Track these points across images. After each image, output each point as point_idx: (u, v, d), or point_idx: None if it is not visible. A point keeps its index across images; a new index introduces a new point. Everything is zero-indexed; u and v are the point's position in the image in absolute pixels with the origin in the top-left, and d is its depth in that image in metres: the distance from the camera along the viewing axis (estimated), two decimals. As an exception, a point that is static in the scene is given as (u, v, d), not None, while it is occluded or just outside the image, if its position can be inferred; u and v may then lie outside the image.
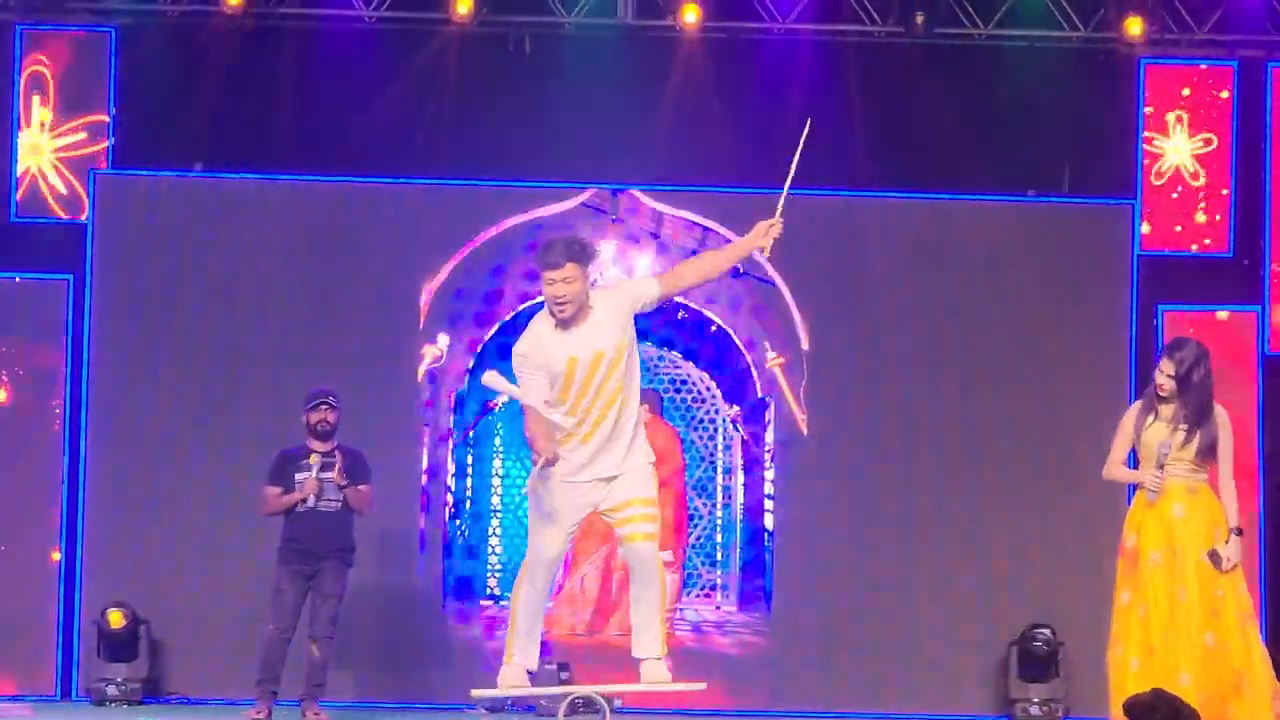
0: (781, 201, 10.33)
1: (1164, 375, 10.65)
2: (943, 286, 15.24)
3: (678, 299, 13.24)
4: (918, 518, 15.02)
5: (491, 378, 10.32)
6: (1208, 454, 10.62)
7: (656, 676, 10.27)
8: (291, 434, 13.12)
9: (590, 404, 10.05)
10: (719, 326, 15.46)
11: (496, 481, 15.65)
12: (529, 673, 10.35)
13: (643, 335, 13.92)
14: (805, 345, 15.13)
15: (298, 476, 12.83)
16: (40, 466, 15.01)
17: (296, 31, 15.52)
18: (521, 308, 14.33)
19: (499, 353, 13.99)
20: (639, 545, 10.23)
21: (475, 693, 10.89)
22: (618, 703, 10.71)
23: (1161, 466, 10.60)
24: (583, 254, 10.01)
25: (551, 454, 10.02)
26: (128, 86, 15.35)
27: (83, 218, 15.13)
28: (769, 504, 15.42)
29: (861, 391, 15.15)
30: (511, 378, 9.99)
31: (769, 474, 15.42)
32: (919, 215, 15.36)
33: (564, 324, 9.98)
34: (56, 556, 14.89)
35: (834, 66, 15.47)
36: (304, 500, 12.81)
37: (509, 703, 13.58)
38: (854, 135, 15.30)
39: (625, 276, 14.68)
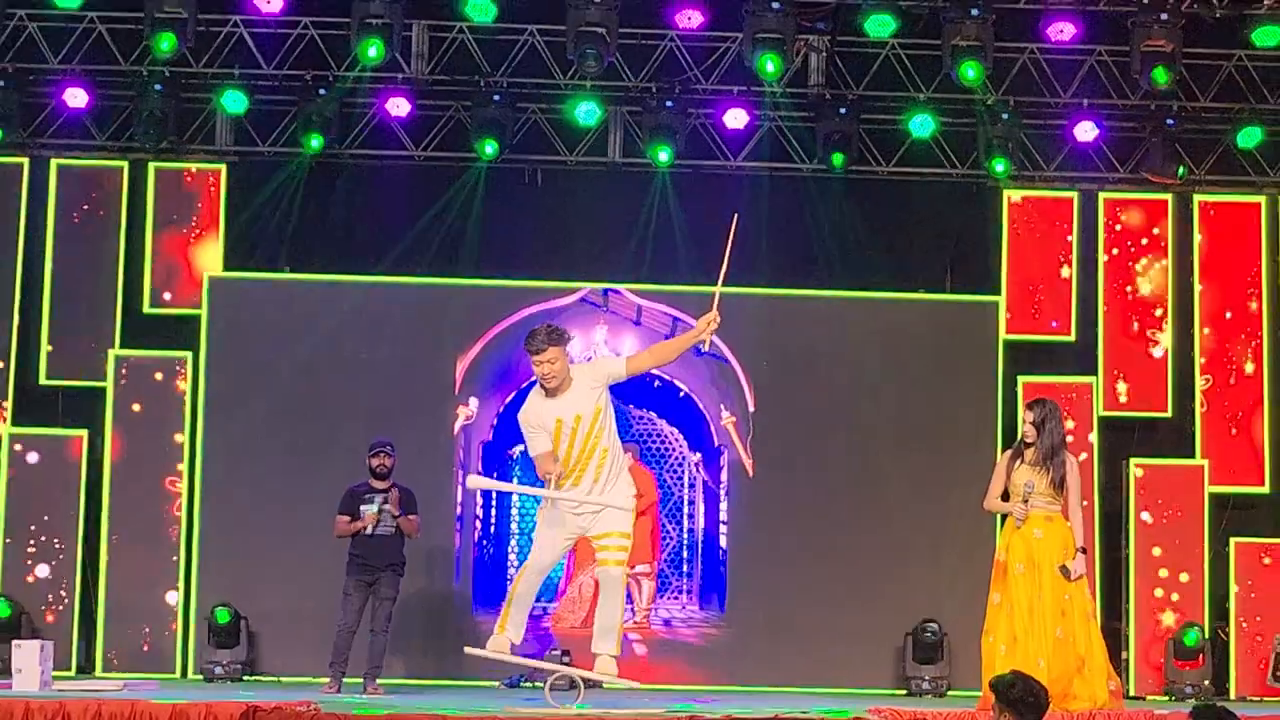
0: (716, 298, 10.31)
1: (1027, 424, 10.84)
2: (855, 362, 15.18)
3: (655, 371, 13.39)
4: (836, 540, 14.89)
5: (475, 480, 10.89)
6: (1059, 485, 10.72)
7: (606, 669, 10.46)
8: (357, 474, 12.97)
9: (579, 454, 10.17)
10: (685, 393, 15.32)
11: (514, 511, 15.50)
12: (512, 645, 10.41)
13: (627, 399, 14.27)
14: (751, 408, 15.05)
15: (362, 508, 12.70)
16: (166, 499, 14.83)
17: (362, 167, 15.48)
18: (533, 378, 14.24)
19: (516, 404, 13.91)
20: (610, 569, 10.40)
21: (468, 650, 10.90)
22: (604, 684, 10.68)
23: (1026, 500, 10.68)
24: (560, 339, 10.13)
25: (553, 474, 10.18)
26: (234, 208, 15.29)
27: (198, 309, 15.03)
28: (723, 528, 15.27)
29: (794, 443, 15.05)
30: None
31: (723, 505, 15.27)
32: (837, 308, 15.25)
33: (551, 394, 10.15)
34: (179, 569, 14.73)
35: (774, 194, 15.35)
36: (366, 527, 12.66)
37: (522, 678, 13.54)
38: (788, 246, 15.29)
39: (612, 354, 14.50)
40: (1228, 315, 15.39)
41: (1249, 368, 15.33)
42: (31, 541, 14.49)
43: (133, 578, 14.73)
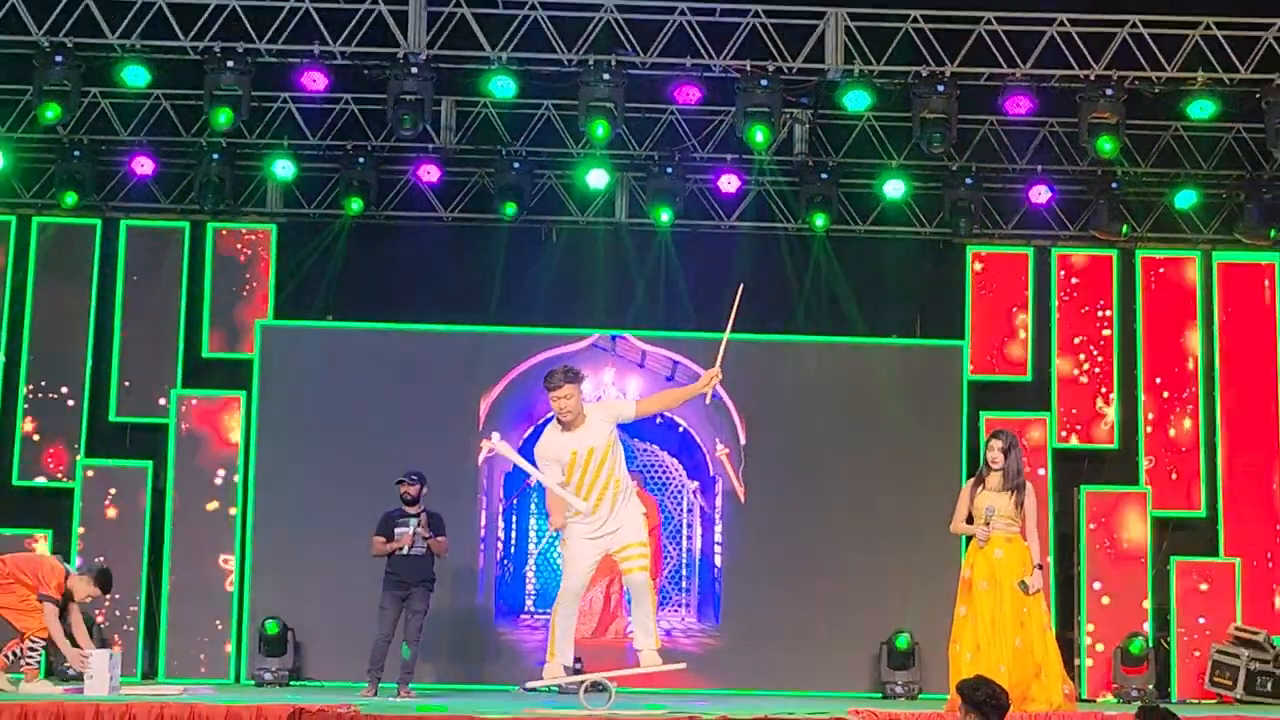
0: (721, 355, 10.46)
1: (995, 451, 10.79)
2: (835, 400, 15.20)
3: (656, 408, 13.37)
4: (819, 559, 14.91)
5: (500, 444, 10.49)
6: (1019, 508, 10.71)
7: (651, 661, 10.46)
8: (393, 500, 12.81)
9: (591, 484, 10.22)
10: (684, 428, 15.30)
11: (532, 534, 15.35)
12: (565, 668, 10.48)
13: (633, 434, 14.03)
14: (743, 441, 15.09)
15: (396, 530, 12.66)
16: (221, 522, 14.91)
17: (397, 227, 15.50)
18: (549, 415, 14.31)
19: (534, 438, 13.94)
20: (635, 575, 10.43)
21: (529, 685, 11.00)
22: (615, 688, 10.74)
23: (988, 523, 10.67)
24: (576, 378, 10.20)
25: (559, 525, 10.35)
26: (283, 263, 15.33)
27: (251, 353, 15.10)
28: (718, 548, 15.26)
29: (781, 473, 15.09)
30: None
31: (718, 528, 15.26)
32: (818, 351, 15.31)
33: (566, 428, 10.19)
34: (232, 586, 14.83)
35: (763, 250, 15.42)
36: (400, 547, 12.64)
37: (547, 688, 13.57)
38: (774, 296, 15.24)
39: (621, 395, 14.55)
40: (1171, 354, 15.42)
41: (1187, 405, 15.33)
42: (101, 560, 14.10)
43: (191, 594, 14.71)
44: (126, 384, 15.15)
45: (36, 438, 15.05)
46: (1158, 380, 15.51)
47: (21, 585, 11.72)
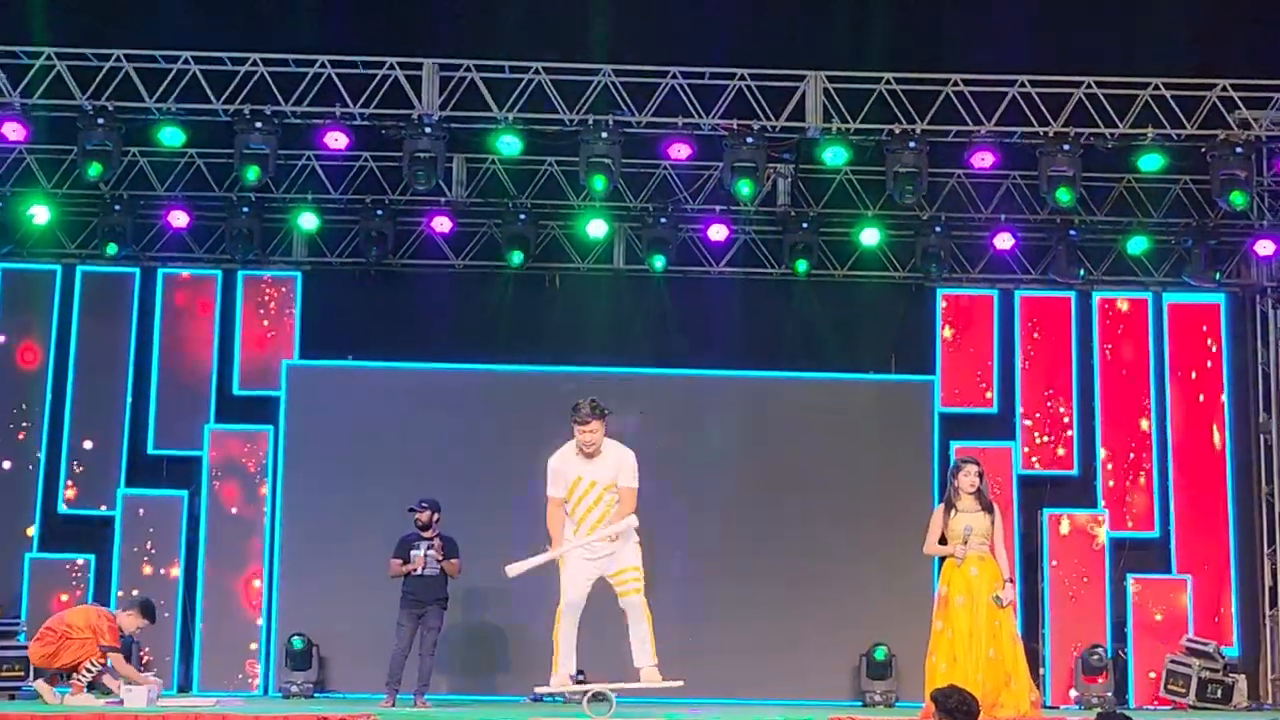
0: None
1: (971, 476, 10.73)
2: (817, 431, 15.00)
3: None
4: (803, 577, 14.64)
5: (514, 568, 10.35)
6: (992, 526, 10.64)
7: (651, 678, 10.39)
8: (409, 525, 12.78)
9: (588, 510, 10.25)
10: None
11: None
12: (570, 676, 10.43)
13: None
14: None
15: (412, 553, 12.58)
16: (250, 547, 14.72)
17: (412, 274, 15.37)
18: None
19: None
20: (631, 597, 10.37)
21: (538, 689, 10.90)
22: (616, 698, 10.48)
23: (966, 541, 10.57)
24: (602, 414, 10.26)
25: (556, 556, 10.26)
26: (307, 307, 15.23)
27: (278, 390, 14.96)
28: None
29: (767, 498, 14.86)
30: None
31: None
32: (801, 387, 15.09)
33: (585, 455, 10.20)
34: (261, 605, 14.63)
35: (749, 294, 15.38)
36: (415, 569, 12.54)
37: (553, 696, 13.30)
38: (760, 336, 15.32)
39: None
40: (1125, 389, 15.26)
41: (1141, 435, 15.18)
42: (138, 593, 14.10)
43: (223, 613, 14.61)
44: (162, 420, 15.05)
45: (80, 469, 14.97)
46: (1114, 410, 15.37)
47: (75, 644, 11.75)
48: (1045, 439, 15.21)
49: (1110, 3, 14.65)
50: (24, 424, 14.86)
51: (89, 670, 11.65)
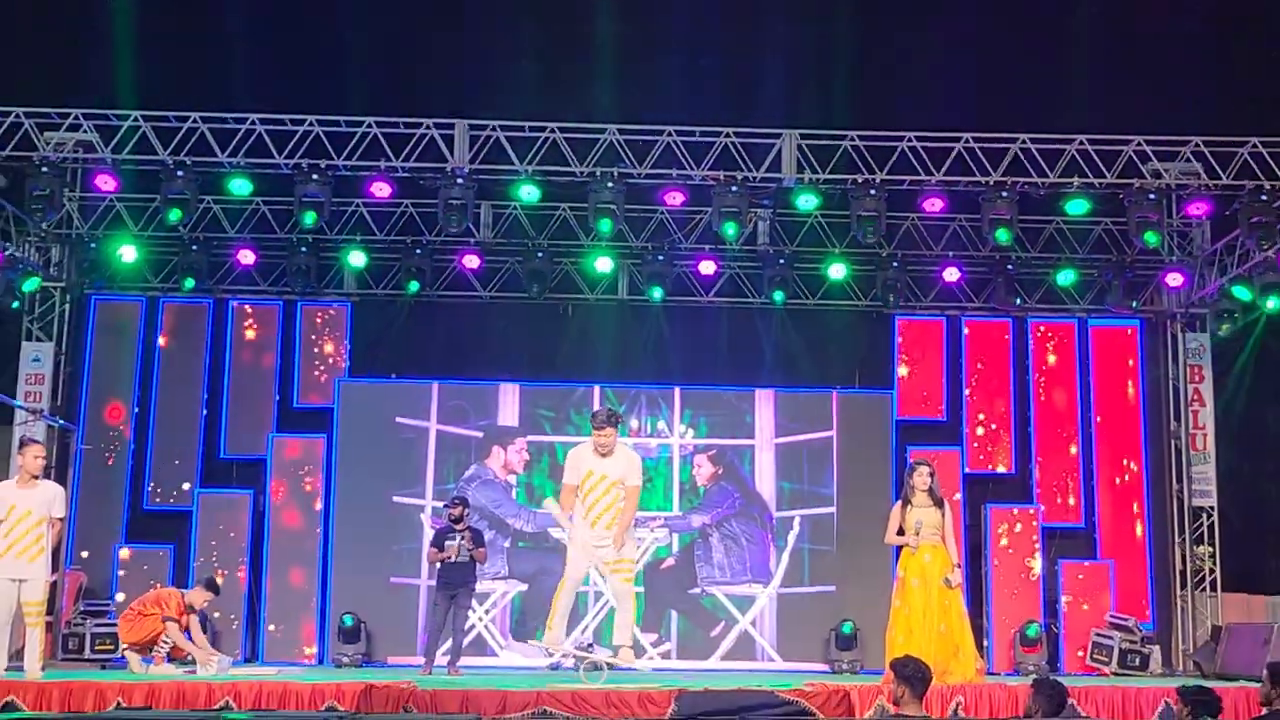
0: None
1: (924, 476, 10.72)
2: (791, 439, 14.97)
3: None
4: (789, 565, 14.75)
5: (550, 505, 10.61)
6: (943, 519, 10.67)
7: (627, 659, 10.51)
8: (442, 520, 12.83)
9: (596, 501, 10.31)
10: None
11: None
12: (559, 640, 10.55)
13: None
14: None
15: (446, 543, 12.48)
16: (308, 538, 14.77)
17: (446, 304, 15.39)
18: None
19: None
20: (620, 584, 10.46)
21: (530, 643, 11.09)
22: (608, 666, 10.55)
23: (918, 533, 10.60)
24: (616, 421, 10.42)
25: (566, 522, 10.39)
26: (357, 332, 15.27)
27: (332, 404, 15.00)
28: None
29: (759, 498, 14.94)
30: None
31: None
32: (780, 399, 15.06)
33: (601, 455, 10.28)
34: (317, 585, 14.67)
35: (735, 320, 15.45)
36: (449, 557, 12.43)
37: (559, 665, 13.39)
38: (742, 357, 15.30)
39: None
40: (1056, 401, 15.31)
41: (1069, 439, 15.24)
42: (214, 568, 14.29)
43: (284, 594, 14.64)
44: (232, 429, 15.09)
45: (163, 471, 14.98)
46: (1046, 419, 15.43)
47: (149, 618, 11.74)
48: (987, 444, 15.25)
49: (1041, 70, 14.68)
50: (114, 437, 14.95)
51: (165, 641, 11.64)
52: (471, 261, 15.00)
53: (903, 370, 15.42)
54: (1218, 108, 14.43)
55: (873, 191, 13.46)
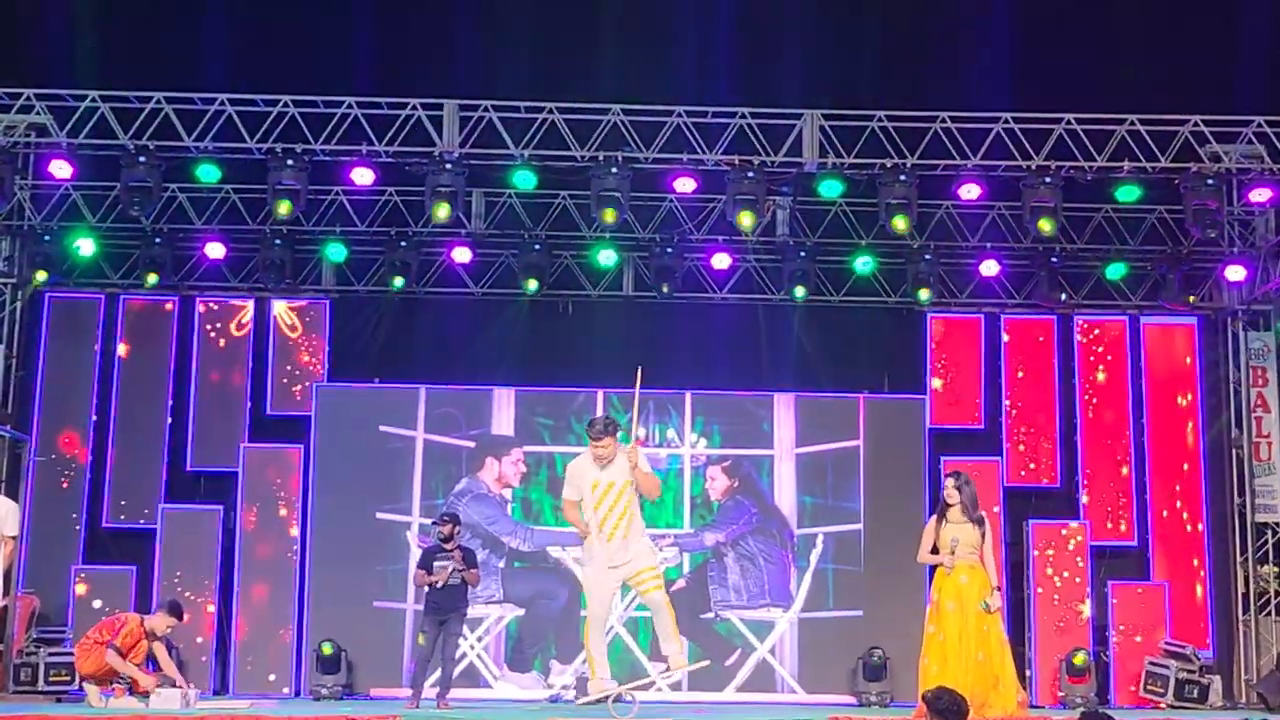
0: (633, 429, 10.50)
1: (950, 489, 10.63)
2: (816, 447, 14.97)
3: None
4: (812, 588, 14.70)
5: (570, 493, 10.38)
6: (980, 539, 10.52)
7: (679, 664, 10.49)
8: (430, 538, 12.86)
9: (608, 513, 10.19)
10: None
11: None
12: (604, 681, 10.37)
13: None
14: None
15: (435, 565, 12.39)
16: (283, 558, 14.71)
17: (434, 301, 15.40)
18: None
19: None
20: (651, 594, 10.39)
21: (581, 701, 10.90)
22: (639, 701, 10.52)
23: (953, 552, 10.48)
24: (614, 429, 10.30)
25: (584, 533, 10.33)
26: (336, 332, 15.28)
27: (309, 411, 14.95)
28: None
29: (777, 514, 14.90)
30: None
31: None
32: (800, 405, 15.07)
33: (600, 465, 10.24)
34: (293, 611, 14.61)
35: (749, 319, 15.39)
36: (439, 582, 12.39)
37: (559, 697, 13.29)
38: (761, 359, 15.30)
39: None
40: (1105, 406, 15.26)
41: (1121, 449, 15.19)
42: (180, 591, 14.23)
43: (258, 619, 14.58)
44: (199, 439, 15.06)
45: (124, 486, 14.93)
46: (1095, 426, 15.36)
47: (104, 647, 11.82)
48: (1030, 454, 15.18)
49: (1087, 43, 14.65)
50: (70, 447, 14.89)
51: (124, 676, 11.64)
52: (462, 255, 14.98)
53: (936, 373, 15.37)
54: (1284, 84, 14.46)
55: (903, 177, 13.43)
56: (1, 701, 11.46)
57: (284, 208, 13.36)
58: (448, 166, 13.33)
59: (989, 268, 15.02)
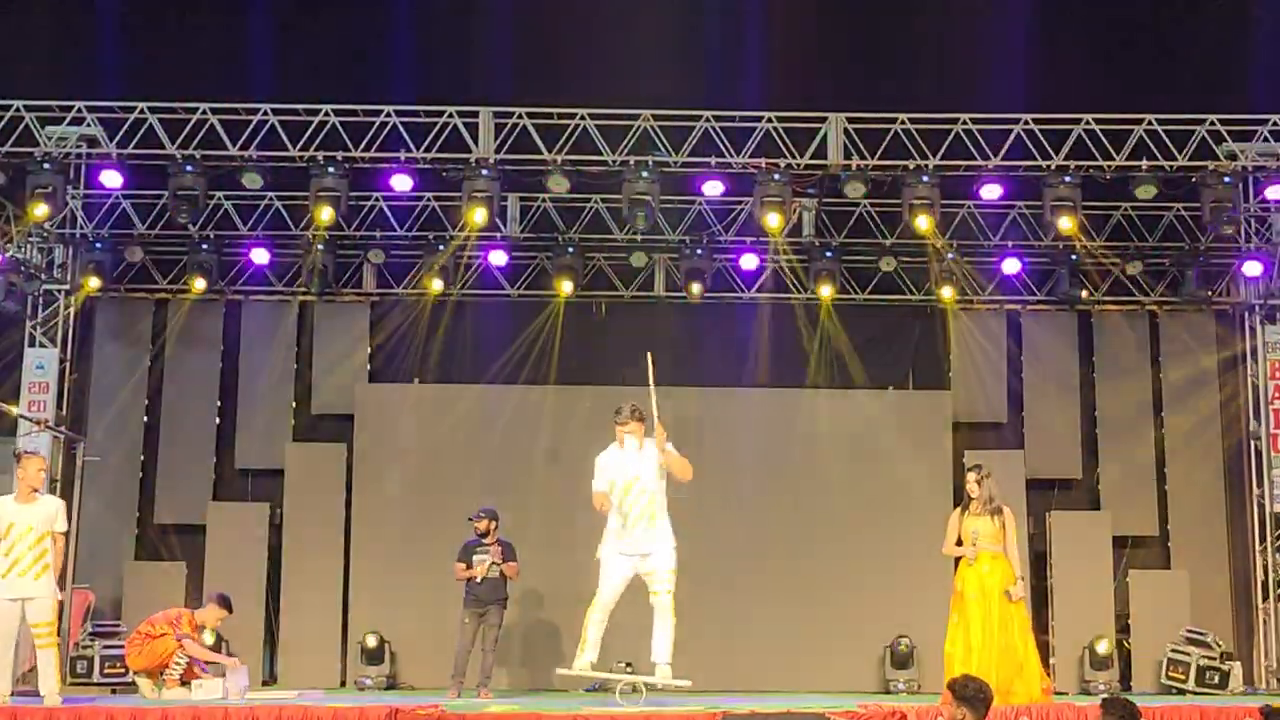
0: (655, 415, 10.42)
1: (971, 482, 10.76)
2: (842, 442, 15.09)
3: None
4: (829, 577, 14.75)
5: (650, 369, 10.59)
6: (1001, 530, 10.63)
7: (664, 675, 10.44)
8: (471, 532, 12.57)
9: (633, 504, 10.29)
10: None
11: None
12: (590, 664, 10.48)
13: None
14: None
15: (474, 558, 12.47)
16: (328, 553, 14.84)
17: (471, 303, 15.43)
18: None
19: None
20: (659, 598, 10.40)
21: (559, 671, 10.91)
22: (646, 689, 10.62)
23: (974, 544, 10.60)
24: (640, 417, 10.39)
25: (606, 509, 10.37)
26: (376, 335, 15.40)
27: (352, 410, 15.11)
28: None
29: (797, 504, 14.94)
30: None
31: None
32: (827, 401, 15.20)
33: (627, 454, 10.33)
34: (339, 604, 14.75)
35: (779, 317, 15.43)
36: (478, 575, 12.41)
37: (597, 686, 13.31)
38: (789, 356, 15.30)
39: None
40: (1124, 400, 15.34)
41: (1142, 443, 15.25)
42: (229, 585, 14.09)
43: (304, 613, 14.71)
44: (247, 439, 15.24)
45: (172, 485, 15.12)
46: (1114, 420, 15.43)
47: (158, 640, 11.78)
48: (1051, 446, 15.22)
49: (1105, 45, 14.66)
50: (122, 448, 15.09)
51: (178, 664, 11.66)
52: (498, 258, 15.09)
53: (959, 368, 15.41)
54: (1299, 83, 14.39)
55: (925, 178, 13.42)
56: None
57: (326, 214, 13.36)
58: (483, 172, 13.31)
59: (1010, 265, 15.06)
